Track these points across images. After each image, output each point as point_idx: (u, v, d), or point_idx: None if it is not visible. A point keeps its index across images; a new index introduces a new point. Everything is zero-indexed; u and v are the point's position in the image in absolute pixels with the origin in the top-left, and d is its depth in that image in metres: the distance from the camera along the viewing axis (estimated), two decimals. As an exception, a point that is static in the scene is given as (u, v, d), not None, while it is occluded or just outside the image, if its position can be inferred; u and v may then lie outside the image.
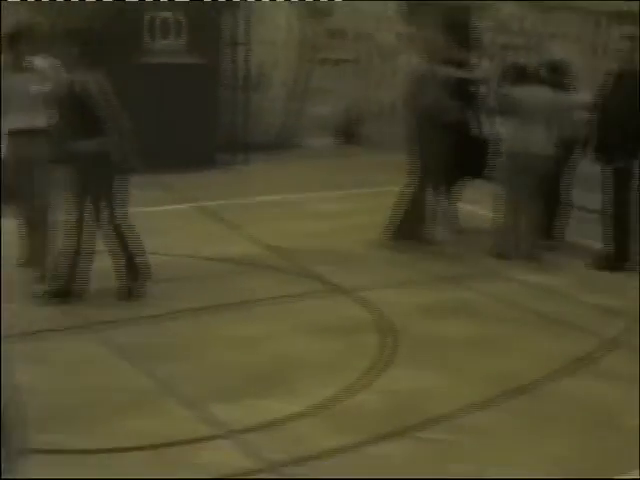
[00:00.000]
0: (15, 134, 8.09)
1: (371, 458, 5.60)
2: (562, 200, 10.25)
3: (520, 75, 9.81)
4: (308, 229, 10.61)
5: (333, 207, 11.74)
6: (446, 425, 6.07)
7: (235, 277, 8.92)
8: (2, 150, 8.16)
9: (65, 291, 7.94)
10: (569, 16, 12.38)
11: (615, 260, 9.53)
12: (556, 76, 9.92)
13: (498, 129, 10.07)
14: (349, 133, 15.97)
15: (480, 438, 5.88)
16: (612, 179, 9.47)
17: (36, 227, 8.37)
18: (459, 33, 13.43)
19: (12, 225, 8.43)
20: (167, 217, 10.90)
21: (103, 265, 8.15)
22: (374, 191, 12.23)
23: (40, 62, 8.27)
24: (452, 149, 9.97)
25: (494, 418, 6.18)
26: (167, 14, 13.25)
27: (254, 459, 5.50)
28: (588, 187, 9.95)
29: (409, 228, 9.97)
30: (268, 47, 15.37)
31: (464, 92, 10.27)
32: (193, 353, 7.07)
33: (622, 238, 9.55)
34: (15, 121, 8.03)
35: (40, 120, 8.03)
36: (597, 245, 9.80)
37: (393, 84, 14.96)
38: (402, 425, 6.00)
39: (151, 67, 13.09)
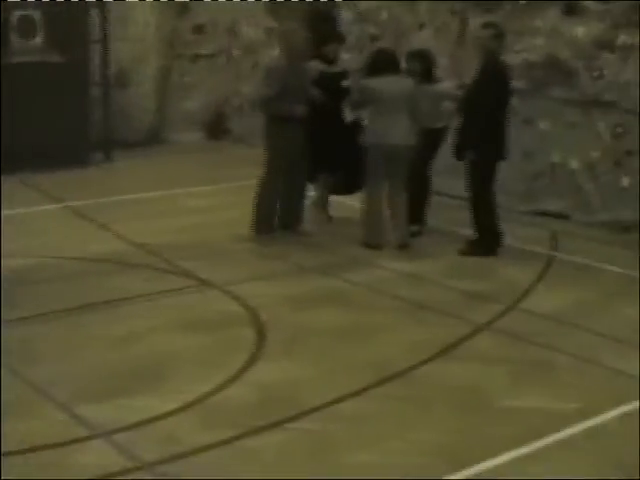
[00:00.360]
0: None
1: (244, 452, 5.64)
2: (428, 188, 10.45)
3: (380, 65, 9.85)
4: (177, 225, 10.58)
5: (202, 202, 11.72)
6: (318, 415, 6.14)
7: (105, 276, 8.84)
8: None
9: None
10: (435, 6, 12.55)
11: (483, 246, 9.73)
12: (419, 65, 10.09)
13: (361, 120, 10.20)
14: (216, 128, 15.94)
15: (353, 426, 5.97)
16: (469, 170, 9.67)
17: None
18: (323, 26, 13.61)
19: None
20: (36, 218, 10.76)
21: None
22: (242, 185, 12.21)
23: None
24: (317, 141, 10.08)
25: (367, 406, 6.28)
26: (31, 12, 13.01)
27: (127, 458, 5.48)
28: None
29: (262, 220, 10.00)
30: (135, 44, 15.25)
31: (330, 85, 10.32)
32: (65, 354, 6.99)
33: (487, 225, 9.74)
34: None
35: None
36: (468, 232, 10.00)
37: (256, 78, 14.94)
38: (275, 417, 6.04)
39: (16, 67, 12.87)
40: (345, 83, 10.49)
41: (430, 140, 10.13)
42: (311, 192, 10.77)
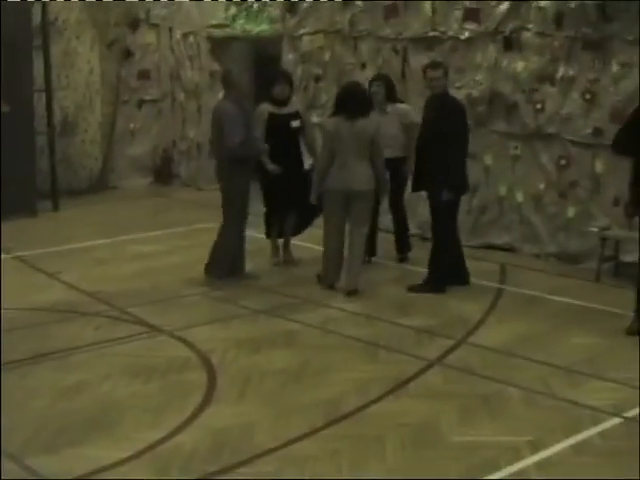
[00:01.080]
0: None
1: (198, 498, 5.60)
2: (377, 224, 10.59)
3: (344, 104, 9.61)
4: (126, 272, 10.56)
5: (150, 248, 11.69)
6: (271, 458, 6.10)
7: (55, 325, 8.77)
8: None
9: None
10: (375, 45, 12.66)
11: (433, 284, 9.79)
12: (383, 86, 10.62)
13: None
14: (164, 172, 15.93)
15: (306, 468, 5.94)
16: (435, 208, 9.78)
17: None
18: (268, 67, 13.71)
19: None
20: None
21: None
22: (190, 229, 12.26)
23: None
24: (275, 184, 10.26)
25: (319, 446, 6.24)
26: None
27: (78, 510, 5.43)
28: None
29: (223, 264, 9.96)
30: (79, 91, 15.26)
31: (281, 127, 10.42)
32: (15, 405, 6.87)
33: (438, 262, 9.80)
34: None
35: None
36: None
37: (201, 122, 15.02)
38: (227, 462, 6.01)
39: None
40: (295, 124, 10.53)
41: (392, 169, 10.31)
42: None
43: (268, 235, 10.99)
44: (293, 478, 5.80)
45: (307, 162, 10.68)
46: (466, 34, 11.65)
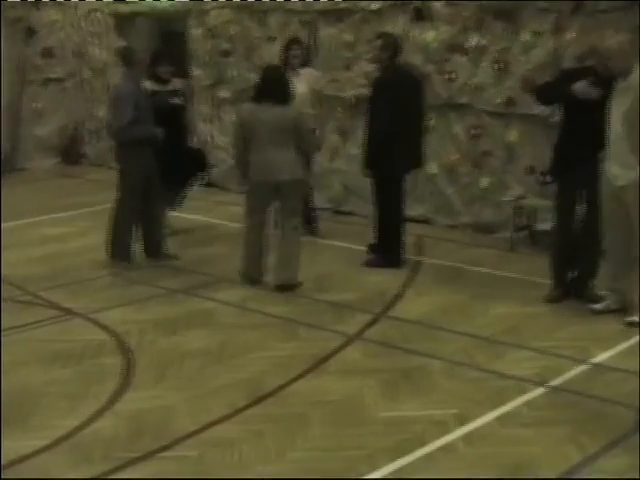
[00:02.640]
0: None
1: (120, 486, 5.44)
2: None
3: (262, 90, 8.95)
4: (37, 255, 10.27)
5: (60, 230, 11.39)
6: (193, 441, 5.97)
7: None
8: None
9: None
10: (285, 18, 12.49)
11: (391, 257, 9.75)
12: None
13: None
14: (71, 153, 15.56)
15: (230, 451, 5.82)
16: (377, 184, 9.71)
17: None
18: (171, 43, 13.47)
19: None
20: None
21: None
22: (100, 209, 11.92)
23: None
24: (162, 161, 9.91)
25: (242, 428, 6.12)
26: None
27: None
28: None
29: (123, 245, 9.76)
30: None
31: (164, 105, 10.33)
32: None
33: (393, 236, 9.78)
34: None
35: None
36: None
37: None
38: (148, 447, 5.85)
39: None
40: (176, 100, 10.57)
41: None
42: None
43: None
44: (217, 461, 5.66)
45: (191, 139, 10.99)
46: (376, 5, 11.52)
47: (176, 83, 10.80)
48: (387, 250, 9.78)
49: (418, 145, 9.77)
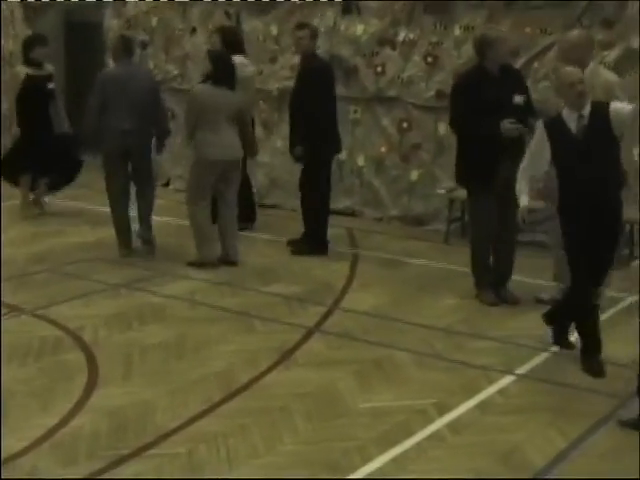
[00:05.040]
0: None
1: (117, 484, 5.32)
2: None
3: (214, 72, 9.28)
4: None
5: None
6: (178, 437, 5.86)
7: None
8: None
9: None
10: (206, 9, 12.38)
11: (313, 243, 9.81)
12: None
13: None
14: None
15: (219, 446, 5.73)
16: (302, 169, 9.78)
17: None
18: (84, 34, 13.21)
19: None
20: None
21: None
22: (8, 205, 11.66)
23: None
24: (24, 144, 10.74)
25: (225, 423, 6.03)
26: None
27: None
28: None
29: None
30: None
31: (39, 88, 10.85)
32: None
33: (318, 222, 9.84)
34: None
35: None
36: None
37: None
38: (133, 444, 5.73)
39: None
40: (50, 85, 10.96)
41: None
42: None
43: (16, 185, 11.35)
44: (208, 457, 5.59)
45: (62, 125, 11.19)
46: (303, -4, 11.53)
47: (49, 67, 11.14)
48: (311, 237, 9.79)
49: (336, 132, 9.87)
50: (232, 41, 10.27)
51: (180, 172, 12.83)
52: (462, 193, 10.28)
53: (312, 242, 9.79)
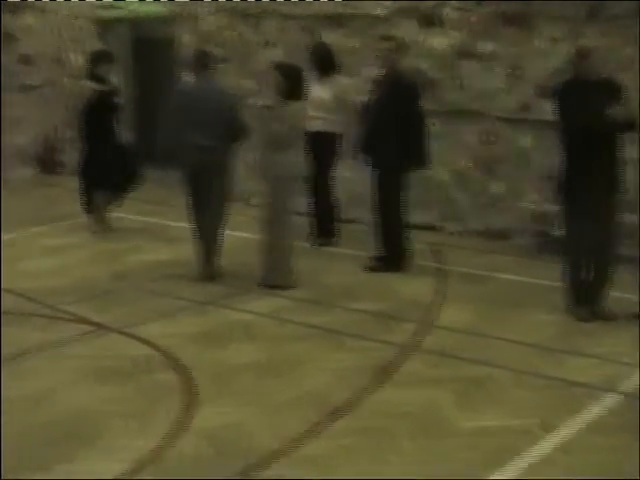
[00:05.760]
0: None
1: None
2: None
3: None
4: (45, 266, 9.95)
5: (59, 241, 11.06)
6: (283, 460, 5.73)
7: (-13, 329, 8.08)
8: None
9: None
10: (280, 23, 12.33)
11: (391, 261, 9.61)
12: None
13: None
14: (49, 161, 15.16)
15: (327, 469, 5.58)
16: (377, 181, 9.56)
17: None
18: (155, 49, 13.20)
19: None
20: None
21: None
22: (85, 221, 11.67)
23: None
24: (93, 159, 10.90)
25: (329, 443, 5.91)
26: None
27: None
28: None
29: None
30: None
31: (105, 103, 10.94)
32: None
33: (397, 238, 9.64)
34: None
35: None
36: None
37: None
38: (242, 468, 5.60)
39: None
40: (116, 100, 11.09)
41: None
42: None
43: (89, 210, 11.36)
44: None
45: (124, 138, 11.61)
46: (382, 10, 11.40)
47: (113, 82, 11.29)
48: (389, 254, 9.65)
49: (420, 146, 9.66)
50: (326, 57, 10.20)
51: (254, 188, 12.72)
52: (548, 207, 10.18)
53: (391, 258, 9.62)
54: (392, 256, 9.62)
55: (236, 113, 9.40)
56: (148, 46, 14.37)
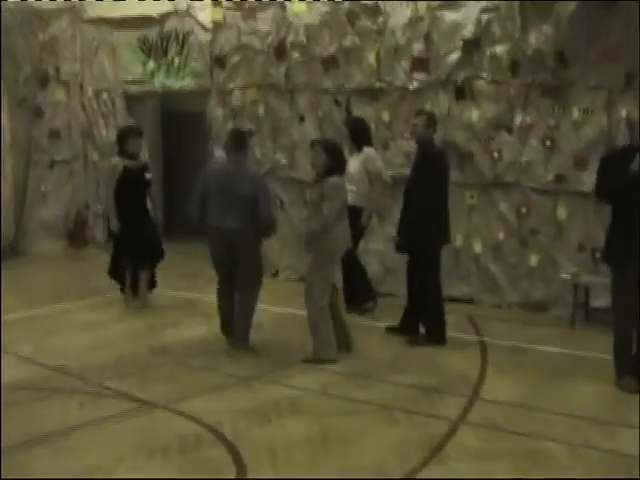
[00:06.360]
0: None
1: None
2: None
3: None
4: (83, 342, 9.89)
5: (96, 316, 11.04)
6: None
7: (32, 405, 7.98)
8: None
9: None
10: (313, 97, 12.43)
11: (434, 335, 9.64)
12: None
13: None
14: (78, 236, 15.21)
15: None
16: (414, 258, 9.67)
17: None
18: (184, 123, 13.30)
19: None
20: None
21: None
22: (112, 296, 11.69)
23: None
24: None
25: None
26: None
27: None
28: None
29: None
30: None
31: (135, 179, 10.97)
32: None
33: (436, 312, 9.67)
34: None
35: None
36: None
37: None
38: None
39: None
40: (148, 176, 11.06)
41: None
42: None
43: (123, 285, 11.41)
44: None
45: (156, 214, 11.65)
46: (415, 84, 11.49)
47: (144, 158, 11.43)
48: (429, 328, 9.62)
49: (447, 222, 9.70)
50: (362, 132, 10.29)
51: (288, 262, 12.78)
52: (586, 278, 10.15)
53: (430, 335, 9.61)
54: (434, 330, 9.54)
55: (264, 193, 9.24)
56: (177, 120, 14.47)
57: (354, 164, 10.32)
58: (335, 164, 8.87)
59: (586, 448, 6.93)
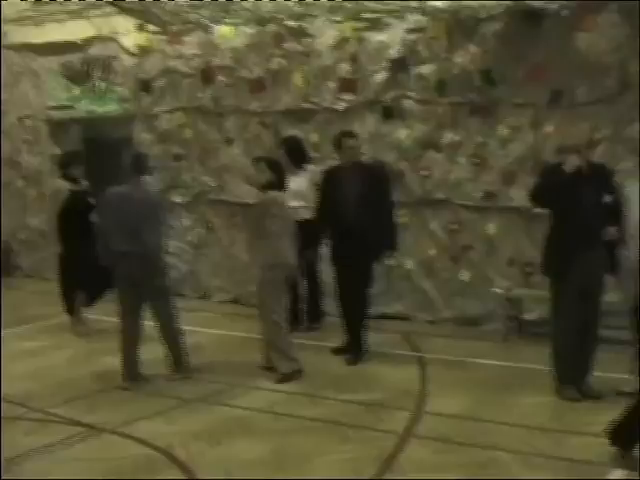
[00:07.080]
0: None
1: None
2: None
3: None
4: (24, 369, 9.81)
5: (34, 344, 10.93)
6: None
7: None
8: None
9: None
10: (241, 120, 12.50)
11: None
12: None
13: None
14: (5, 264, 15.00)
15: None
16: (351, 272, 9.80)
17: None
18: (110, 149, 13.24)
19: None
20: None
21: None
22: (56, 322, 11.59)
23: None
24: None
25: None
26: None
27: None
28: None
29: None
30: None
31: (80, 203, 10.95)
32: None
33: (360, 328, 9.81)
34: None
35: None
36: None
37: (44, 209, 14.31)
38: None
39: None
40: (92, 200, 10.90)
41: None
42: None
43: (70, 311, 11.31)
44: None
45: None
46: (343, 105, 11.63)
47: (84, 183, 11.30)
48: (357, 342, 9.87)
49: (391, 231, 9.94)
50: (298, 149, 10.42)
51: (219, 284, 12.82)
52: (518, 291, 10.39)
53: (357, 348, 9.83)
54: (360, 343, 9.83)
55: (160, 217, 9.36)
56: (103, 146, 14.40)
57: (299, 181, 10.41)
58: (278, 180, 9.05)
59: (537, 456, 7.08)
